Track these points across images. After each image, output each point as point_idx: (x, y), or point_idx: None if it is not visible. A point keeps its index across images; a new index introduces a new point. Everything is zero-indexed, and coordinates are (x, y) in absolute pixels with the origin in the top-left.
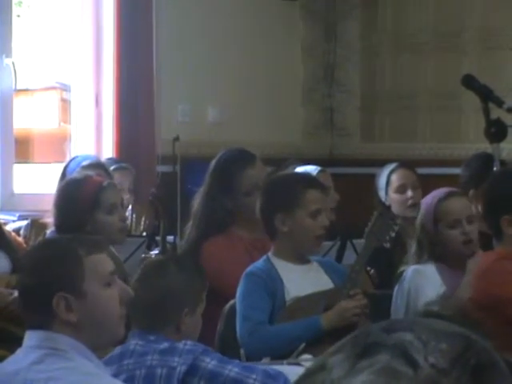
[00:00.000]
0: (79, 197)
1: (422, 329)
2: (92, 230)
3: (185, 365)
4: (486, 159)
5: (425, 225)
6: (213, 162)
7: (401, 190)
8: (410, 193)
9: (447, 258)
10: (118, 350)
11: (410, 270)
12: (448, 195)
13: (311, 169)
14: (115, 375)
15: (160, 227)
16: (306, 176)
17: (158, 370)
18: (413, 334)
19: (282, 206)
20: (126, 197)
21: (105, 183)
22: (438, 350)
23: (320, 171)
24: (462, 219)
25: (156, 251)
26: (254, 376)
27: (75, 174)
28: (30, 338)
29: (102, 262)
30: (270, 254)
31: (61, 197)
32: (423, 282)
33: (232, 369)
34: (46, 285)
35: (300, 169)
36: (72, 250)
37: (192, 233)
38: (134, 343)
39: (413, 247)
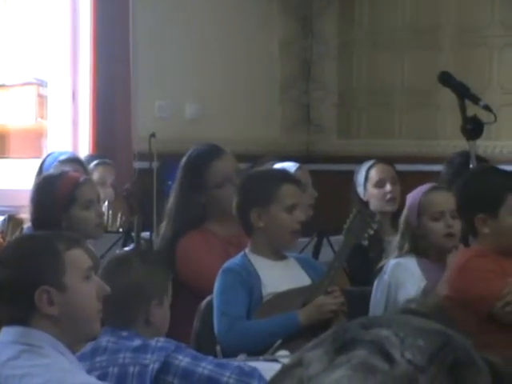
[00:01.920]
0: (55, 193)
1: (400, 325)
2: (68, 226)
3: (157, 362)
4: (468, 157)
5: (409, 218)
6: (183, 160)
7: (380, 184)
8: (388, 187)
9: (429, 251)
10: (89, 346)
11: (390, 264)
12: (433, 188)
13: (289, 165)
14: (88, 372)
15: (134, 223)
16: (281, 171)
17: (131, 368)
18: (390, 330)
19: (257, 202)
20: (109, 190)
21: (81, 179)
22: (415, 346)
23: (298, 168)
24: (445, 212)
25: (130, 247)
26: (228, 373)
27: (52, 170)
28: (6, 333)
29: (80, 257)
30: (246, 250)
31: (37, 193)
32: (404, 275)
33: (206, 366)
34: (28, 279)
35: (278, 165)
36: (51, 245)
37: (167, 230)
38: (106, 340)
39: (394, 240)
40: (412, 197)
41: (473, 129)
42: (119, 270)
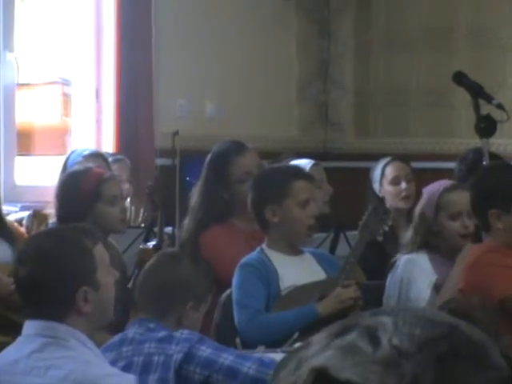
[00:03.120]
0: (81, 188)
1: (406, 314)
2: (93, 221)
3: (181, 353)
4: (481, 153)
5: (425, 213)
6: (208, 157)
7: (395, 181)
8: (403, 185)
9: (441, 247)
10: (117, 337)
11: (402, 260)
12: (453, 187)
13: (305, 162)
14: (114, 361)
15: (157, 219)
16: (292, 167)
17: (155, 358)
18: (392, 318)
19: (271, 198)
20: (126, 187)
21: (106, 175)
22: (408, 333)
23: (313, 165)
24: (463, 212)
25: (153, 242)
26: (249, 364)
27: (76, 166)
28: (30, 327)
29: (103, 252)
30: (263, 245)
31: (62, 188)
32: (416, 270)
33: (227, 357)
34: (70, 279)
35: (294, 162)
36: (83, 243)
37: (190, 224)
38: (133, 331)
39: (407, 235)
40: (430, 192)
41: (486, 127)
42: (168, 263)
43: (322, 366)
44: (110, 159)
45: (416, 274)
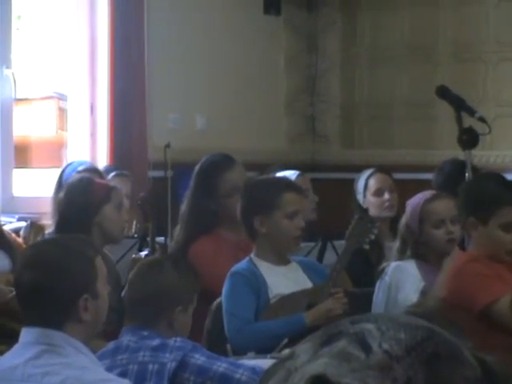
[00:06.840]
0: (92, 190)
1: (386, 321)
2: (99, 223)
3: (175, 361)
4: (458, 164)
5: (410, 224)
6: (196, 168)
7: (378, 193)
8: (386, 195)
9: (429, 256)
10: (111, 345)
11: (391, 266)
12: (434, 197)
13: (291, 173)
14: (109, 369)
15: (149, 229)
16: (282, 179)
17: (150, 366)
18: (374, 325)
19: (260, 209)
20: (125, 201)
21: (113, 184)
22: (395, 338)
23: (299, 175)
24: (446, 220)
25: (146, 252)
26: (241, 371)
27: (76, 177)
28: (27, 334)
29: (102, 265)
30: (252, 254)
31: (71, 190)
32: (403, 277)
33: (221, 364)
34: (74, 287)
35: (280, 173)
36: (87, 252)
37: (180, 235)
38: (127, 339)
39: (395, 244)
40: (412, 204)
41: (468, 139)
42: (151, 271)
43: (321, 373)
44: (112, 173)
45: (404, 280)
